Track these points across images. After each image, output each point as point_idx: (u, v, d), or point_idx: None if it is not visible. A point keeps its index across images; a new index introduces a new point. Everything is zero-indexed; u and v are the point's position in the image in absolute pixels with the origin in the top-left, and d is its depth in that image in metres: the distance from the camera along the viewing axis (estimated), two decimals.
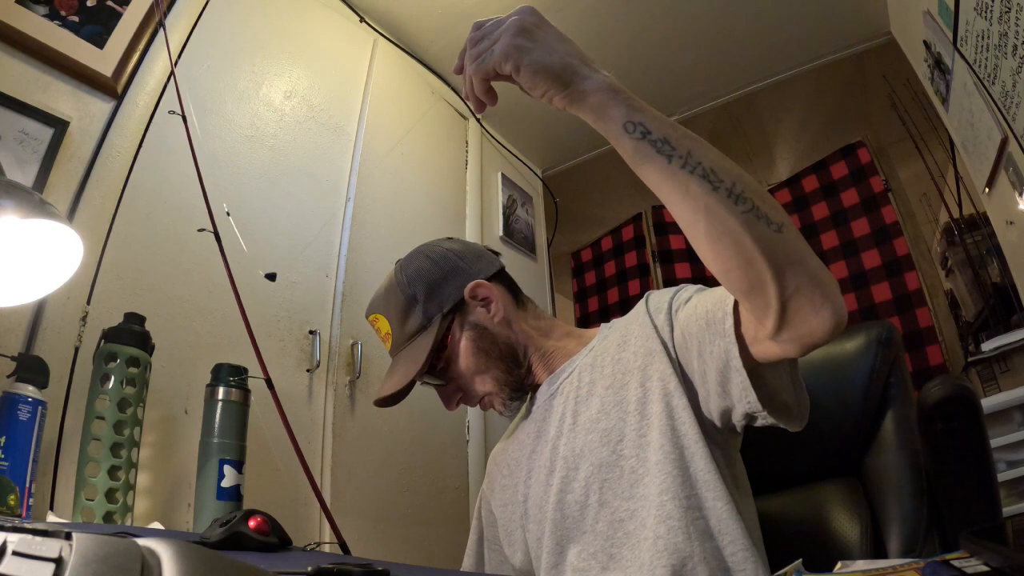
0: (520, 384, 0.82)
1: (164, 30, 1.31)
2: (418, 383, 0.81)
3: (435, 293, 0.82)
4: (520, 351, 0.83)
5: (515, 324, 0.84)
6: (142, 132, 1.31)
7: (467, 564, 0.94)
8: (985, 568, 0.36)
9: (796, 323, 0.51)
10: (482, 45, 0.56)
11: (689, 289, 0.74)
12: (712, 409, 0.67)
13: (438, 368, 0.81)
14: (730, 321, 0.58)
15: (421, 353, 0.78)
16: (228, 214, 1.22)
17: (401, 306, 0.82)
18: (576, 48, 0.57)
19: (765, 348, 0.57)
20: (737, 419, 0.65)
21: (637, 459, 0.69)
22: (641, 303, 0.79)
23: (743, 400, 0.61)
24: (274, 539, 0.71)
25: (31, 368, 0.93)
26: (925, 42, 1.78)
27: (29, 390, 0.90)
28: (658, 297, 0.77)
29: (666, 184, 0.53)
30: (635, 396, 0.71)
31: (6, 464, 0.85)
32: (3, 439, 0.86)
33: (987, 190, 1.64)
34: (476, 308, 0.83)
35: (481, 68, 0.56)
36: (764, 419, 0.62)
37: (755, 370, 0.59)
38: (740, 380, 0.59)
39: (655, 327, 0.73)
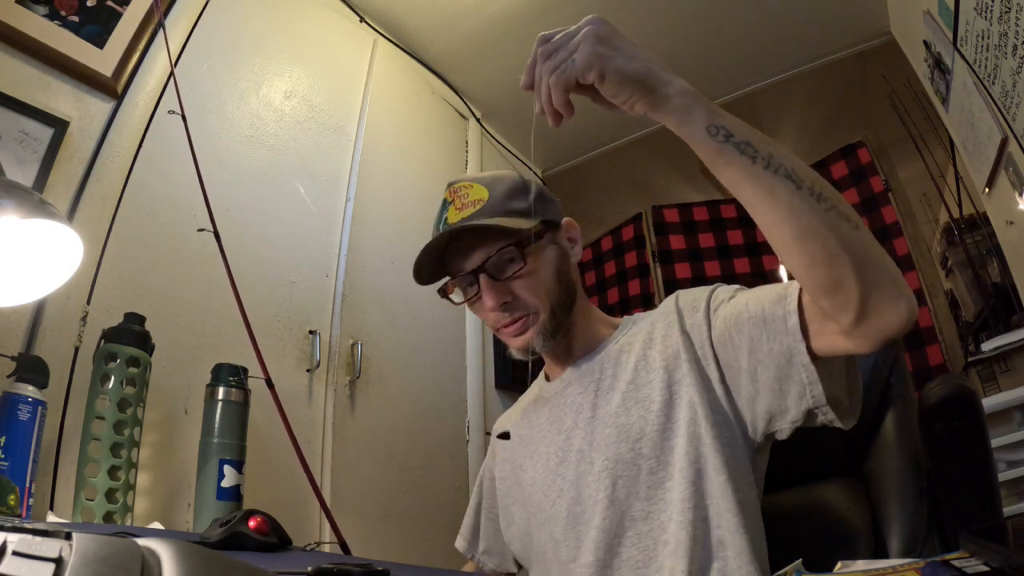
0: (559, 328, 0.78)
1: (164, 31, 1.31)
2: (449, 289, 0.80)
3: (544, 202, 0.80)
4: (575, 302, 0.81)
5: (577, 277, 0.83)
6: (142, 132, 1.31)
7: (463, 529, 0.96)
8: (985, 568, 0.36)
9: (874, 317, 0.52)
10: (559, 56, 0.56)
11: (727, 288, 0.73)
12: (758, 409, 0.65)
13: (518, 256, 0.75)
14: (795, 319, 0.58)
15: (523, 224, 0.74)
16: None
17: (514, 187, 0.78)
18: (651, 55, 0.57)
19: (831, 342, 0.57)
20: (791, 419, 0.63)
21: (657, 461, 0.68)
22: (670, 301, 0.77)
23: (805, 396, 0.60)
24: (274, 539, 0.71)
25: (31, 368, 0.93)
26: (925, 42, 1.78)
27: (29, 390, 0.90)
28: (692, 295, 0.75)
29: (751, 186, 0.54)
30: (660, 396, 0.70)
31: (6, 464, 0.85)
32: (3, 439, 0.86)
33: (987, 190, 1.64)
34: (565, 239, 0.82)
35: (563, 79, 0.55)
36: (824, 415, 0.61)
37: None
38: (806, 375, 0.59)
39: (684, 327, 0.72)
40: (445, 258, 0.81)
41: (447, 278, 0.82)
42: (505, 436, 0.89)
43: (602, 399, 0.75)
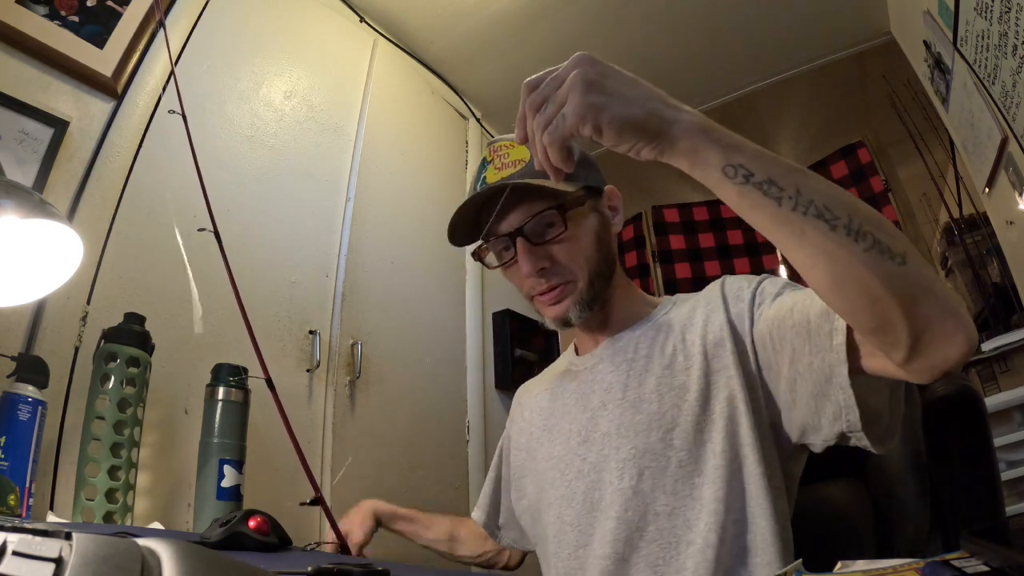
0: (597, 299, 0.75)
1: (164, 30, 1.31)
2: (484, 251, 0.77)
3: (588, 167, 0.77)
4: (614, 273, 0.78)
5: (616, 248, 0.80)
6: (142, 132, 1.31)
7: (481, 500, 0.93)
8: (985, 568, 0.36)
9: (928, 354, 0.47)
10: (548, 110, 0.50)
11: (775, 282, 0.68)
12: (793, 419, 0.63)
13: (559, 220, 0.72)
14: (841, 338, 0.54)
15: (565, 187, 0.70)
16: None
17: None
18: (649, 88, 0.51)
19: (883, 366, 0.52)
20: (823, 438, 0.60)
21: (689, 455, 0.65)
22: (716, 285, 0.74)
23: (840, 419, 0.56)
24: (274, 539, 0.71)
25: (31, 368, 0.93)
26: (925, 42, 1.78)
27: (29, 390, 0.90)
28: (737, 284, 0.72)
29: (779, 229, 0.48)
30: (696, 385, 0.66)
31: (6, 464, 0.85)
32: (3, 439, 0.86)
33: (987, 190, 1.64)
34: (607, 207, 0.79)
35: (556, 136, 0.50)
36: (858, 440, 0.57)
37: (854, 383, 0.54)
38: (843, 398, 0.55)
39: (729, 316, 0.68)
40: (480, 219, 0.76)
41: (480, 241, 0.78)
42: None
43: (634, 380, 0.71)
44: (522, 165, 0.72)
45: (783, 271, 2.85)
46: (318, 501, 0.80)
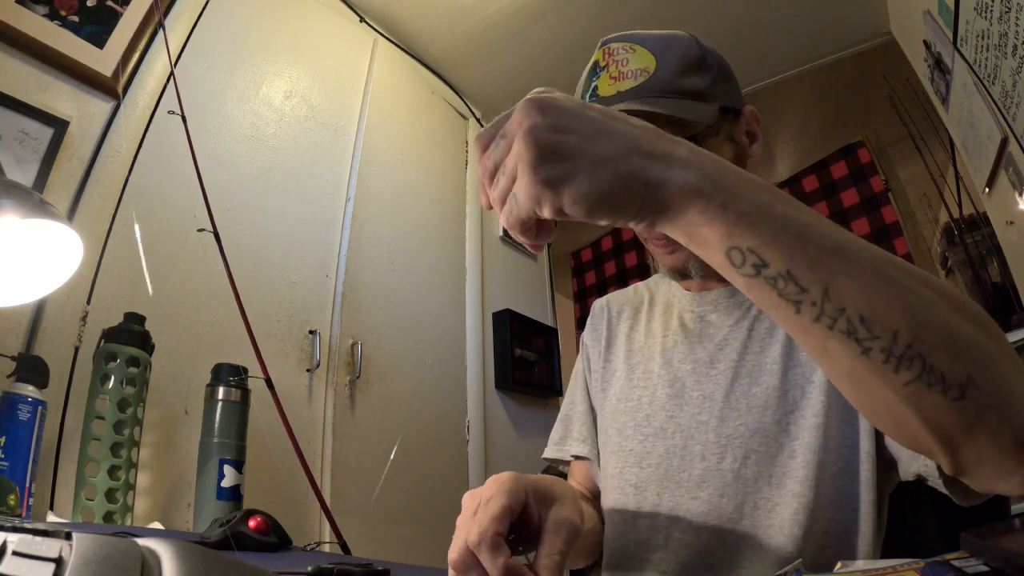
0: None
1: (164, 31, 1.31)
2: None
3: (726, 82, 0.62)
4: None
5: None
6: (142, 132, 1.31)
7: (580, 435, 0.74)
8: (985, 568, 0.36)
9: (974, 481, 0.39)
10: (501, 185, 0.37)
11: None
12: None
13: None
14: None
15: (698, 112, 0.56)
16: None
17: (689, 57, 0.59)
18: (627, 130, 0.36)
19: None
20: (901, 472, 0.53)
21: (804, 446, 0.54)
22: None
23: (919, 459, 0.49)
24: (274, 539, 0.71)
25: (31, 368, 0.93)
26: (925, 42, 1.78)
27: (29, 390, 0.90)
28: None
29: (796, 337, 0.36)
30: None
31: (6, 464, 0.85)
32: (3, 439, 0.86)
33: (987, 190, 1.64)
34: (743, 135, 0.64)
35: (514, 221, 0.37)
36: (937, 487, 0.49)
37: None
38: None
39: None
40: None
41: None
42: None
43: (756, 344, 0.60)
44: (645, 77, 0.57)
45: None
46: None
